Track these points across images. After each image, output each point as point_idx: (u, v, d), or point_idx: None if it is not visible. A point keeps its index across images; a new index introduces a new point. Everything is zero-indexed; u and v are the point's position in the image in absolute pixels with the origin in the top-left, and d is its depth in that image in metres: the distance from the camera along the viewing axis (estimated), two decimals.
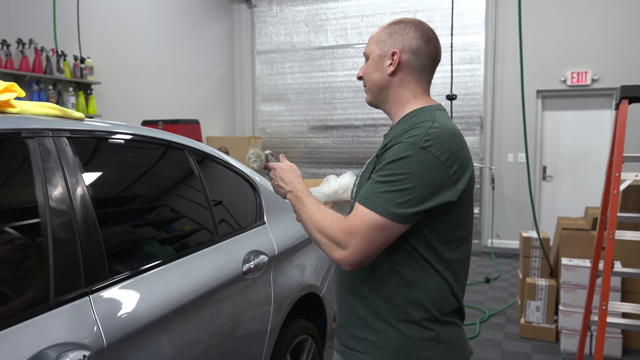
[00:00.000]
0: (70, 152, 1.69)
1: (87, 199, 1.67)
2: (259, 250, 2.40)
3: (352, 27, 8.51)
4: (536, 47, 7.31)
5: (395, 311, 1.44)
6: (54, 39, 5.39)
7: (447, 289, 1.45)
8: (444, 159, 1.35)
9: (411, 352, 1.43)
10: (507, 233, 7.77)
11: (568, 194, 7.58)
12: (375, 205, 1.34)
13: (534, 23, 7.27)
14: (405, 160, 1.34)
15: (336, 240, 1.37)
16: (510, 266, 6.73)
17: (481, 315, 4.85)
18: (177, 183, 2.34)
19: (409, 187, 1.33)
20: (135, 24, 6.73)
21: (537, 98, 7.54)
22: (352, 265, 1.37)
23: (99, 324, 1.54)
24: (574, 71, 7.31)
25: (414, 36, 1.52)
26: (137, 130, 2.12)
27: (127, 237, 1.90)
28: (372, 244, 1.35)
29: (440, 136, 1.37)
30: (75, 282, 1.54)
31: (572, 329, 4.04)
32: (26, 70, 5.10)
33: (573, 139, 7.54)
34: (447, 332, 1.46)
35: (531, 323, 4.34)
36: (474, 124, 7.95)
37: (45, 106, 1.87)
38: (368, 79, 1.60)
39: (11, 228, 1.49)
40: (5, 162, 1.56)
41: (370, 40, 1.59)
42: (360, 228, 1.34)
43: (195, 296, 1.95)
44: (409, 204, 1.33)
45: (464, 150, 1.42)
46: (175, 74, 7.53)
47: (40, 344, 1.38)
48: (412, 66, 1.52)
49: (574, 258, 4.18)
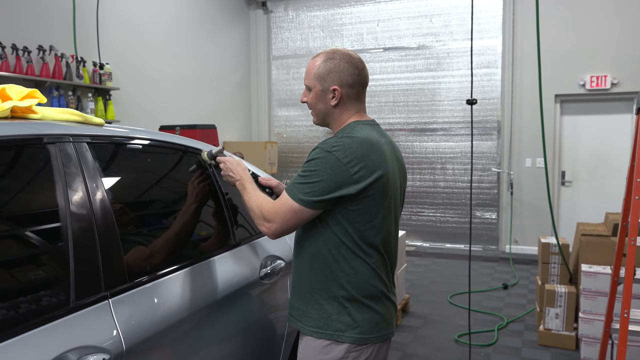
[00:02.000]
0: (90, 157, 1.72)
1: (107, 203, 1.69)
2: (275, 255, 2.41)
3: (368, 32, 8.52)
4: (554, 50, 7.25)
5: (321, 287, 1.79)
6: (74, 45, 5.48)
7: (368, 272, 1.78)
8: (346, 161, 1.70)
9: (329, 323, 1.77)
10: (525, 239, 7.70)
11: (587, 199, 7.49)
12: (292, 193, 1.73)
13: (552, 26, 7.22)
14: (315, 160, 1.73)
15: (264, 217, 1.78)
16: (529, 272, 6.65)
17: (499, 322, 4.80)
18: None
19: (315, 180, 1.70)
20: (153, 30, 6.81)
21: (555, 102, 7.47)
22: (274, 235, 1.79)
23: (119, 328, 1.55)
24: (593, 75, 7.23)
25: (349, 72, 1.85)
26: (155, 136, 2.14)
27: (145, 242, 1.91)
28: (287, 222, 1.75)
29: (347, 144, 1.72)
30: (95, 286, 1.56)
31: (593, 336, 3.98)
32: (46, 76, 5.18)
33: (592, 144, 7.45)
34: (361, 311, 1.77)
35: (550, 330, 4.29)
36: (491, 128, 7.90)
37: (66, 112, 1.90)
38: (314, 108, 1.91)
39: (33, 232, 1.51)
40: (27, 167, 1.59)
41: (309, 73, 1.88)
42: (280, 209, 1.75)
43: (213, 301, 1.96)
44: (314, 194, 1.70)
45: (374, 154, 1.75)
46: (192, 79, 7.59)
47: (61, 347, 1.39)
48: (349, 96, 1.87)
49: (594, 265, 4.12)
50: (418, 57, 8.25)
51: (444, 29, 8.07)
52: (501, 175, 7.86)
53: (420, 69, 8.24)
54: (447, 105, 8.12)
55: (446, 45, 8.08)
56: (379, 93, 8.45)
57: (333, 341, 1.76)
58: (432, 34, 8.14)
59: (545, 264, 4.57)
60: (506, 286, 5.96)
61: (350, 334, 1.75)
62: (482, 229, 8.03)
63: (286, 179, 9.06)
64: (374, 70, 8.44)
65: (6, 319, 1.33)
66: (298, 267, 1.87)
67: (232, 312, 2.06)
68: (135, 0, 6.51)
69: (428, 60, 8.20)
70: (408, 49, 8.30)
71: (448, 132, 8.14)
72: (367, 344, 1.78)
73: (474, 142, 7.77)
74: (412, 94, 8.31)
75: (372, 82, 8.37)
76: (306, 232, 1.82)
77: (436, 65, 8.15)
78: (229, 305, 2.05)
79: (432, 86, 8.20)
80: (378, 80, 8.41)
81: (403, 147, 8.28)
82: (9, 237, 1.47)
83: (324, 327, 1.77)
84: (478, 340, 4.40)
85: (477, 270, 6.74)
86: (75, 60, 5.51)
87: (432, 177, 8.25)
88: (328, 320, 1.77)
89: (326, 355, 1.77)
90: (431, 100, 8.21)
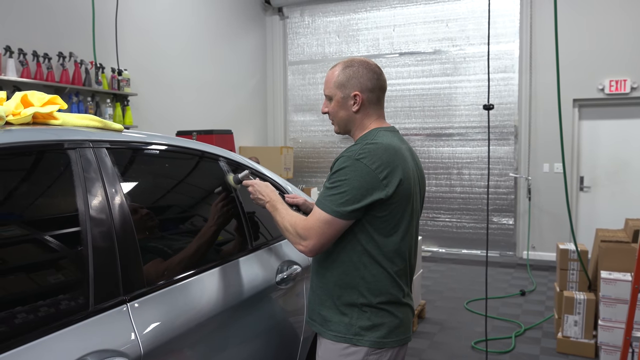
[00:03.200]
0: (109, 163, 1.73)
1: (125, 208, 1.70)
2: (292, 261, 2.41)
3: (384, 37, 8.52)
4: (572, 54, 7.18)
5: (341, 293, 1.82)
6: (93, 52, 5.55)
7: (388, 280, 1.81)
8: (374, 167, 1.73)
9: (348, 328, 1.80)
10: (543, 245, 7.62)
11: (606, 205, 7.40)
12: (324, 206, 1.75)
13: (569, 30, 7.15)
14: (344, 170, 1.75)
15: (299, 235, 1.79)
16: (547, 279, 6.58)
17: (516, 329, 4.75)
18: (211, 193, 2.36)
19: (346, 190, 1.73)
20: (171, 36, 6.87)
21: (573, 107, 7.39)
22: (312, 252, 1.80)
23: (137, 332, 1.56)
24: (612, 79, 7.15)
25: (368, 77, 1.89)
26: (172, 141, 2.16)
27: (163, 246, 1.93)
28: (324, 236, 1.76)
29: (373, 150, 1.76)
30: (114, 290, 1.58)
31: (613, 344, 3.92)
32: (66, 82, 5.25)
33: (611, 149, 7.36)
34: (381, 316, 1.80)
35: (569, 338, 4.23)
36: (508, 133, 7.84)
37: (86, 118, 1.93)
38: (335, 116, 1.95)
39: (54, 236, 1.53)
40: (48, 172, 1.61)
41: (329, 83, 1.93)
42: (315, 224, 1.76)
43: (229, 305, 1.96)
44: (347, 204, 1.72)
45: (398, 159, 1.79)
46: (208, 84, 7.65)
47: (80, 350, 1.41)
48: (370, 101, 1.91)
49: (614, 271, 4.06)
50: (434, 62, 8.23)
51: (461, 33, 8.04)
52: (518, 180, 7.79)
53: (437, 73, 8.22)
54: (464, 110, 8.08)
55: (462, 50, 8.05)
56: (395, 98, 8.43)
57: (352, 345, 1.80)
58: (449, 38, 8.11)
59: (563, 271, 4.52)
60: (524, 293, 5.90)
61: (370, 337, 1.79)
62: (499, 235, 7.97)
63: (302, 184, 9.07)
64: (390, 75, 8.43)
65: (26, 323, 1.34)
66: (319, 272, 1.90)
67: (248, 317, 2.07)
68: (153, 8, 6.59)
69: (444, 65, 8.17)
70: (424, 53, 8.28)
71: (464, 137, 8.10)
72: (386, 347, 1.81)
73: (490, 147, 7.72)
74: (428, 98, 8.28)
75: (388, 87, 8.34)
76: None
77: (452, 70, 8.12)
78: (245, 310, 2.06)
79: (448, 91, 8.16)
80: (394, 85, 8.40)
81: (419, 152, 8.25)
82: (30, 241, 1.49)
83: (343, 331, 1.81)
84: (495, 348, 4.36)
85: (494, 276, 6.69)
86: (94, 66, 5.59)
87: (448, 182, 8.20)
88: (348, 325, 1.80)
89: (346, 358, 1.81)
90: (447, 105, 8.18)
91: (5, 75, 4.67)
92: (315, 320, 1.90)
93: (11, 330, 1.31)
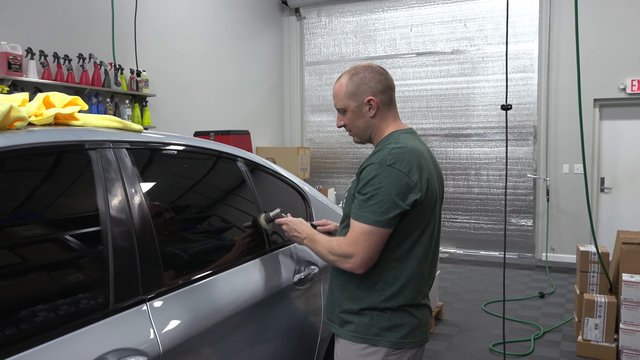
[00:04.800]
0: (129, 163, 1.75)
1: (145, 208, 1.72)
2: (310, 261, 2.41)
3: (401, 37, 8.49)
4: (593, 54, 7.09)
5: (362, 295, 1.83)
6: (112, 53, 5.61)
7: (408, 282, 1.81)
8: (406, 171, 1.74)
9: (368, 329, 1.81)
10: (562, 247, 7.53)
11: (628, 206, 7.29)
12: (364, 218, 1.74)
13: (590, 29, 7.06)
14: (377, 177, 1.74)
15: (344, 254, 1.77)
16: (566, 281, 6.50)
17: (535, 332, 4.70)
18: (229, 193, 2.38)
19: (384, 198, 1.72)
20: (189, 38, 6.92)
21: (594, 107, 7.30)
22: (361, 267, 1.77)
23: (156, 331, 1.58)
24: (634, 79, 7.04)
25: (377, 79, 1.89)
26: (190, 141, 2.17)
27: (182, 246, 1.94)
28: (370, 248, 1.74)
29: (401, 154, 1.76)
30: (134, 290, 1.59)
31: (635, 348, 3.87)
32: (86, 83, 5.31)
33: (633, 149, 7.24)
34: (400, 317, 1.81)
35: (589, 341, 4.18)
36: (527, 134, 7.76)
37: (106, 119, 1.95)
38: (353, 127, 1.96)
39: (74, 236, 1.55)
40: (69, 172, 1.63)
41: (339, 96, 1.93)
42: (359, 238, 1.74)
43: (247, 305, 1.97)
44: (388, 211, 1.72)
45: (423, 162, 1.80)
46: (226, 85, 7.69)
47: (101, 349, 1.42)
48: (384, 103, 1.91)
49: (636, 274, 4.00)
50: (452, 62, 8.18)
51: (479, 33, 7.98)
52: (537, 181, 7.71)
53: (454, 73, 8.17)
54: (482, 111, 8.02)
55: (481, 50, 7.99)
56: (412, 98, 8.40)
57: (372, 345, 1.80)
58: (467, 38, 8.06)
59: (584, 273, 4.46)
60: (543, 295, 5.84)
61: (390, 338, 1.80)
62: (518, 236, 7.89)
63: (319, 184, 9.07)
64: (407, 75, 8.40)
65: (47, 321, 1.36)
66: (339, 274, 1.90)
67: (266, 317, 2.08)
68: (172, 9, 6.64)
69: (462, 65, 8.11)
70: (442, 53, 8.24)
71: (482, 137, 8.04)
72: (405, 348, 1.82)
73: (509, 147, 7.65)
74: (446, 99, 8.23)
75: (405, 88, 8.35)
76: None
77: (470, 70, 8.06)
78: (263, 310, 2.06)
79: (466, 91, 8.11)
80: (411, 85, 8.37)
81: (437, 153, 8.21)
82: (52, 241, 1.51)
83: (362, 332, 1.82)
84: (513, 350, 4.32)
85: (512, 278, 6.63)
86: (113, 67, 5.64)
87: (466, 183, 8.15)
88: (368, 326, 1.81)
89: (365, 358, 1.81)
90: (465, 105, 8.12)
91: (27, 77, 4.74)
92: (335, 322, 1.91)
93: (33, 328, 1.33)
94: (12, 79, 4.57)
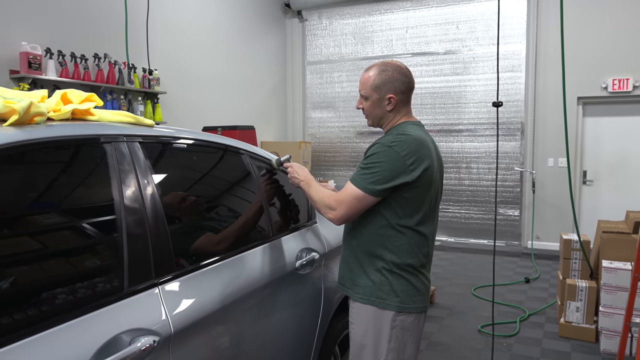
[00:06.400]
0: (142, 156, 1.75)
1: (157, 198, 1.72)
2: (311, 248, 2.42)
3: (397, 38, 8.45)
4: (577, 54, 7.07)
5: (368, 261, 1.98)
6: (126, 53, 5.59)
7: (408, 251, 1.94)
8: (403, 154, 1.87)
9: (372, 291, 1.96)
10: (547, 235, 7.54)
11: (608, 198, 7.29)
12: (357, 183, 1.91)
13: (574, 31, 7.04)
14: (377, 154, 1.91)
15: (330, 206, 1.96)
16: (550, 267, 6.51)
17: (521, 314, 4.72)
18: (235, 184, 2.37)
19: (378, 171, 1.87)
20: (198, 38, 6.90)
21: (577, 104, 7.28)
22: (339, 220, 1.96)
23: (167, 312, 1.58)
24: (615, 78, 7.02)
25: (401, 80, 2.02)
26: (199, 136, 2.17)
27: (191, 234, 1.94)
28: (353, 209, 1.92)
29: (403, 140, 1.91)
30: (146, 274, 1.59)
31: (613, 330, 3.88)
32: (101, 81, 5.30)
33: (614, 145, 7.24)
34: (400, 283, 1.94)
35: (571, 323, 4.19)
36: (514, 129, 7.75)
37: (120, 114, 1.94)
38: (370, 113, 2.09)
39: (91, 224, 1.55)
40: (85, 165, 1.63)
41: (366, 85, 2.05)
42: (346, 198, 1.92)
43: (252, 289, 1.97)
44: (378, 182, 1.87)
45: (423, 149, 1.92)
46: (233, 83, 7.67)
47: (116, 329, 1.43)
48: (401, 101, 2.04)
49: (615, 261, 4.01)
50: (445, 62, 8.15)
51: (470, 34, 7.94)
52: (524, 174, 7.71)
53: (447, 73, 8.14)
54: (472, 108, 8.00)
55: (472, 51, 7.95)
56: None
57: (379, 307, 1.95)
58: (459, 39, 8.02)
59: (566, 260, 4.47)
60: (528, 280, 5.85)
61: (392, 302, 1.94)
62: (505, 226, 7.90)
63: (319, 177, 9.07)
64: None
65: (66, 303, 1.37)
66: (349, 243, 2.06)
67: (270, 300, 2.08)
68: (182, 12, 6.61)
69: (454, 64, 8.08)
70: (435, 54, 8.21)
71: (473, 133, 8.02)
72: (405, 312, 1.95)
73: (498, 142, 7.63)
74: (439, 96, 8.21)
75: None
76: (359, 216, 1.98)
77: (462, 70, 8.03)
78: (267, 294, 2.07)
79: (458, 89, 8.09)
80: None
81: None
82: (70, 228, 1.51)
83: (368, 294, 1.96)
84: (501, 331, 4.33)
85: (499, 264, 6.64)
86: (127, 66, 5.63)
87: (457, 175, 8.14)
88: (372, 289, 1.96)
89: (376, 319, 1.96)
90: (457, 102, 8.10)
91: (46, 75, 4.73)
92: (345, 285, 2.07)
93: (54, 309, 1.33)
94: (32, 77, 4.57)
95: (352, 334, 2.06)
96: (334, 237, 2.63)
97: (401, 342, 1.97)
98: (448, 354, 3.90)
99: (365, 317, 1.98)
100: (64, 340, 1.31)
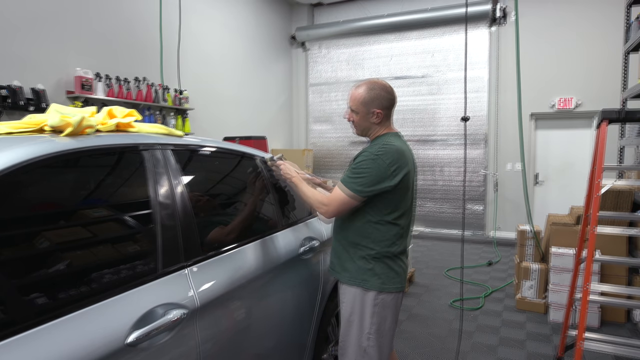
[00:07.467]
0: (173, 161, 1.75)
1: (186, 195, 1.72)
2: (312, 237, 2.41)
3: (384, 64, 8.44)
4: (530, 78, 7.06)
5: (355, 249, 1.96)
6: (161, 76, 5.59)
7: (388, 241, 1.92)
8: (387, 163, 1.85)
9: (359, 275, 1.94)
10: (506, 226, 7.53)
11: (556, 195, 7.28)
12: (348, 185, 1.87)
13: (528, 59, 7.03)
14: (366, 161, 1.87)
15: (323, 202, 1.92)
16: (509, 252, 6.51)
17: (485, 291, 4.71)
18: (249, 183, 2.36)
19: (365, 176, 1.85)
20: (220, 64, 6.89)
21: (530, 119, 7.28)
22: (330, 215, 1.92)
23: (194, 290, 1.58)
24: (561, 97, 7.02)
25: (386, 97, 1.98)
26: (220, 144, 2.17)
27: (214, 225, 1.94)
28: (342, 206, 1.89)
29: (387, 150, 1.88)
30: (177, 258, 1.59)
31: (559, 303, 3.88)
32: (140, 100, 5.29)
33: (560, 152, 7.23)
34: (380, 267, 1.93)
35: (525, 298, 4.19)
36: (480, 139, 7.73)
37: (155, 126, 1.94)
38: (358, 125, 2.02)
39: (131, 217, 1.55)
40: (127, 168, 1.63)
41: (356, 100, 1.98)
42: (338, 197, 1.89)
43: (263, 271, 1.97)
44: (365, 186, 1.85)
45: (403, 158, 1.90)
46: (248, 101, 7.66)
47: (152, 303, 1.43)
48: (386, 115, 2.00)
49: (561, 247, 4.01)
50: (422, 84, 8.14)
51: (443, 62, 7.93)
52: (487, 176, 7.70)
53: (424, 93, 8.13)
54: (445, 122, 7.99)
55: (444, 75, 7.94)
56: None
57: (364, 288, 1.93)
58: (434, 65, 8.02)
59: (522, 246, 4.46)
60: (491, 263, 5.84)
61: (374, 283, 1.92)
62: (472, 218, 7.89)
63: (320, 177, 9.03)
64: None
65: (111, 281, 1.37)
66: (338, 234, 2.03)
67: (279, 280, 2.08)
68: (207, 43, 6.60)
69: (430, 86, 8.07)
70: (414, 77, 8.20)
71: (445, 142, 8.01)
72: (386, 291, 1.93)
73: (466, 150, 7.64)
74: (417, 112, 8.20)
75: None
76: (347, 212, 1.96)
77: (436, 90, 8.02)
78: (277, 274, 2.06)
79: (433, 106, 8.07)
80: None
81: None
82: (114, 220, 1.51)
83: (354, 277, 1.95)
84: (468, 305, 4.33)
85: (467, 250, 6.63)
86: (161, 87, 5.62)
87: (432, 177, 8.13)
88: (358, 273, 1.94)
89: (362, 298, 1.93)
90: (432, 117, 8.09)
91: (96, 95, 4.72)
92: (335, 269, 2.06)
93: (101, 287, 1.34)
94: (85, 96, 4.56)
95: (342, 311, 2.04)
96: (331, 227, 2.62)
97: (382, 317, 1.95)
98: (425, 324, 3.90)
99: (352, 296, 1.96)
100: (110, 312, 1.32)
